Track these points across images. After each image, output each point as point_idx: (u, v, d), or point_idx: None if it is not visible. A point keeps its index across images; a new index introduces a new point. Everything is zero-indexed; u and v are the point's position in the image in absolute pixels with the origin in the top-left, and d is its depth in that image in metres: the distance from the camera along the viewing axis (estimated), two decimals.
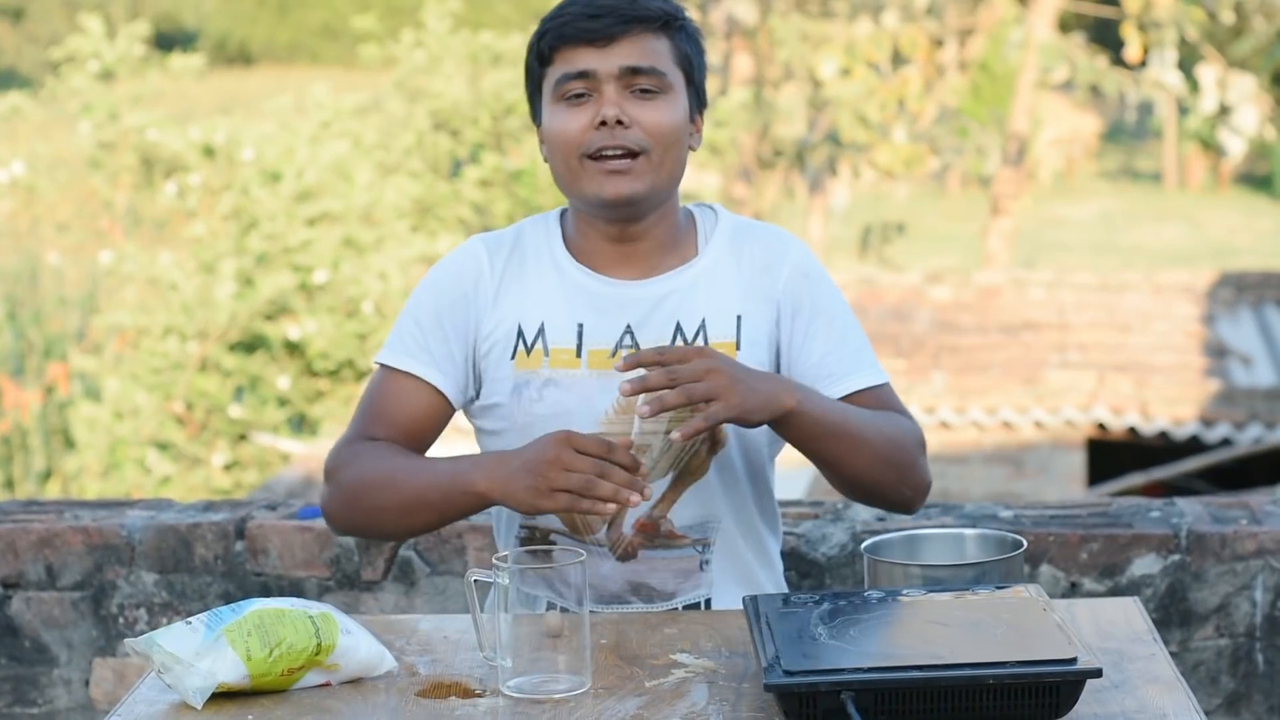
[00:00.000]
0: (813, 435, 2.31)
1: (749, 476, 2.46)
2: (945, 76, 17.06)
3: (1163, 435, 11.04)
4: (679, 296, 2.43)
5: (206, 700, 2.04)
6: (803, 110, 17.55)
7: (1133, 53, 15.55)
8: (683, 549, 2.43)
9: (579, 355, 2.41)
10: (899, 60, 16.65)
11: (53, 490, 12.80)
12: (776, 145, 17.18)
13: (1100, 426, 11.12)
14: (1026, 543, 2.35)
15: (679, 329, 2.42)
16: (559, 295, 2.44)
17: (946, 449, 11.12)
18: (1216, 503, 3.18)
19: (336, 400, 12.82)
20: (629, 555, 2.42)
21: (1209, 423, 10.87)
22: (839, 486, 2.41)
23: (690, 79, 2.43)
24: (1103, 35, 22.35)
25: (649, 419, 2.25)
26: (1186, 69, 16.76)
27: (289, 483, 10.57)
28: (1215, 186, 32.33)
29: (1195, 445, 11.07)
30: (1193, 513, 3.11)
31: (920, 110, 16.21)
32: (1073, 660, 1.93)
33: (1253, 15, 16.60)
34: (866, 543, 2.35)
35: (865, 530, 3.08)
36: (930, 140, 16.69)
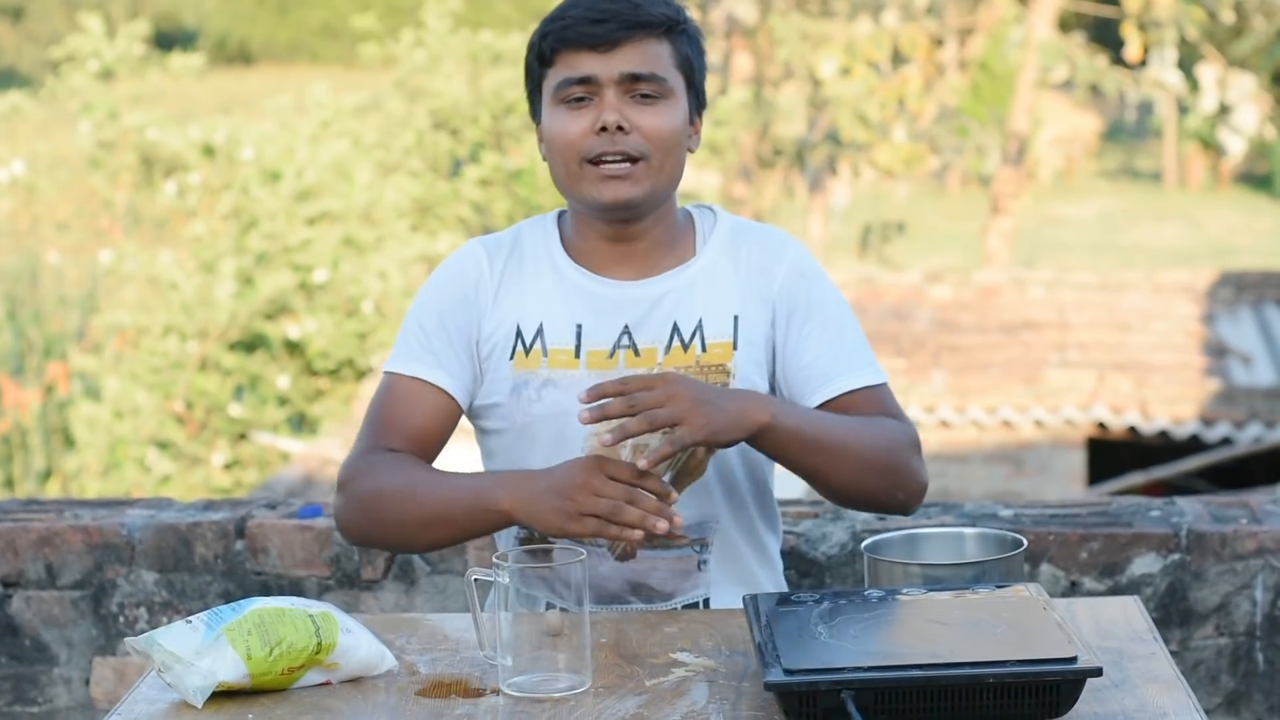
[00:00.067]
0: (791, 449, 2.30)
1: (748, 476, 2.45)
2: (945, 76, 17.05)
3: (1163, 434, 11.03)
4: (676, 297, 2.43)
5: (207, 699, 2.05)
6: (802, 109, 17.55)
7: (1133, 52, 15.54)
8: (681, 549, 2.43)
9: (577, 356, 2.41)
10: (899, 59, 16.64)
11: (53, 489, 12.80)
12: (776, 144, 17.17)
13: (1100, 426, 11.12)
14: (1026, 542, 2.35)
15: (676, 329, 2.41)
16: (557, 296, 2.43)
17: (946, 448, 11.12)
18: (1216, 502, 3.18)
19: (336, 399, 12.82)
20: (628, 555, 2.42)
21: (1209, 422, 10.87)
22: (827, 496, 2.39)
23: (690, 82, 2.43)
24: (1103, 34, 22.35)
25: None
26: (1186, 68, 16.75)
27: (289, 482, 10.57)
28: (1215, 186, 32.32)
29: (1195, 444, 11.06)
30: (1193, 512, 3.11)
31: (920, 109, 16.20)
32: (1073, 659, 1.93)
33: (1253, 15, 16.59)
34: (866, 542, 2.34)
35: (865, 529, 3.08)
36: (930, 139, 16.68)
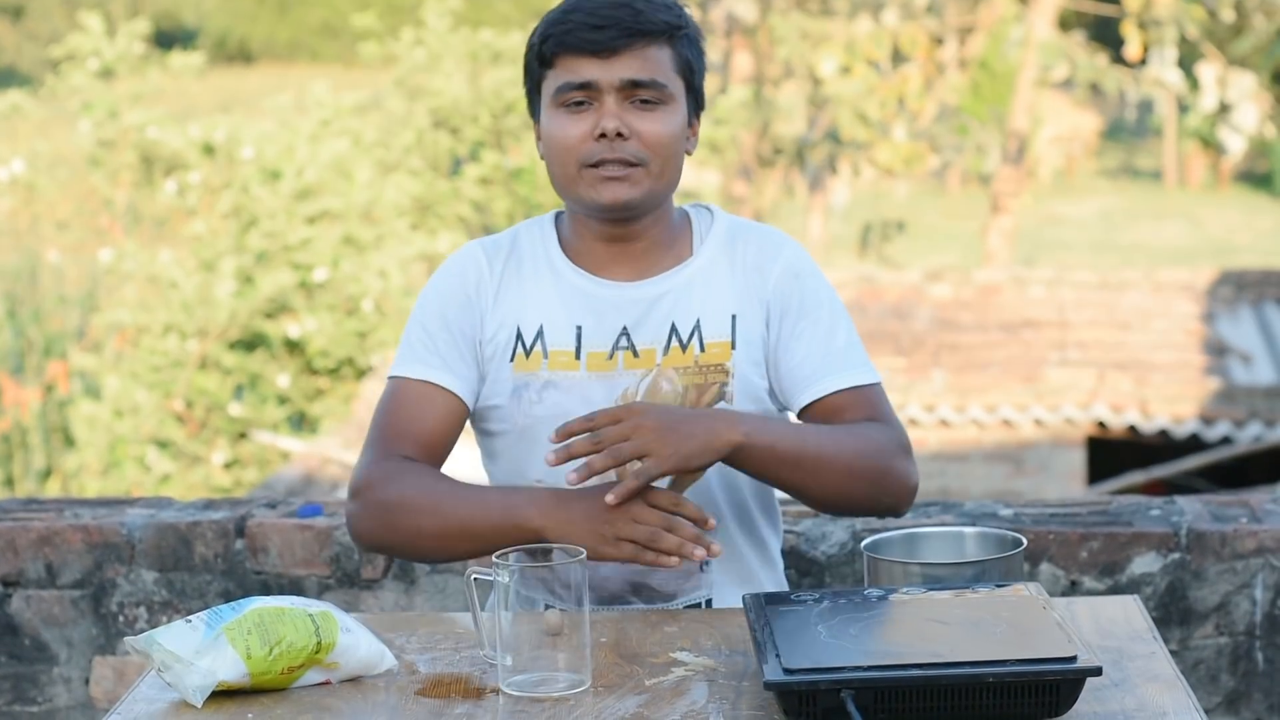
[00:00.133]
0: (769, 466, 2.30)
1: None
2: (945, 74, 17.05)
3: (1163, 433, 11.03)
4: (674, 297, 2.43)
5: (206, 699, 2.04)
6: (803, 108, 17.56)
7: (1133, 51, 15.53)
8: None
9: (578, 357, 2.41)
10: (899, 58, 16.64)
11: (52, 488, 12.80)
12: (776, 143, 17.18)
13: (1100, 425, 11.12)
14: (1026, 541, 2.35)
15: (674, 330, 2.41)
16: (557, 297, 2.43)
17: (946, 447, 11.12)
18: (1216, 501, 3.18)
19: (336, 398, 12.82)
20: None
21: (1209, 421, 10.87)
22: (812, 507, 2.38)
23: (690, 85, 2.42)
24: (1103, 33, 22.36)
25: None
26: (1186, 67, 16.75)
27: (289, 481, 10.56)
28: (1215, 184, 32.33)
29: (1195, 443, 11.06)
30: (1193, 511, 3.11)
31: (920, 108, 16.20)
32: (1072, 658, 1.93)
33: (1253, 13, 16.60)
34: (866, 541, 2.34)
35: (865, 529, 3.08)
36: (930, 138, 16.68)
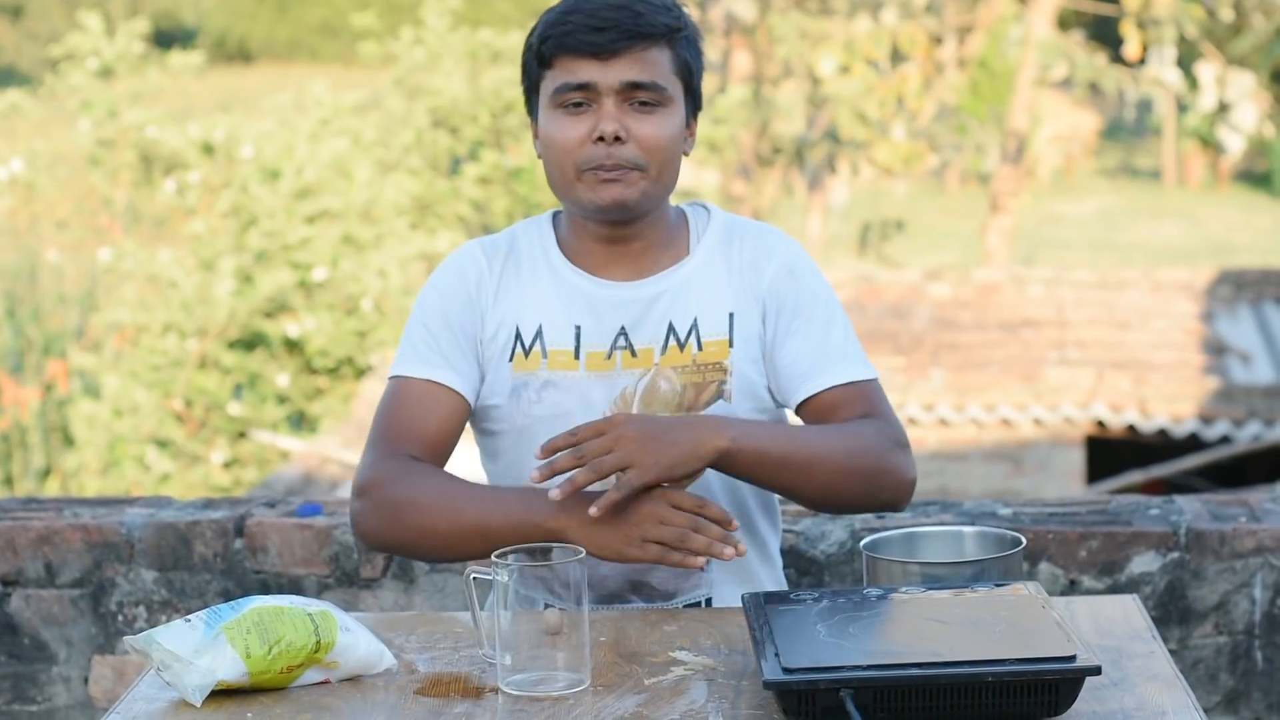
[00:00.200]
0: (758, 470, 2.29)
1: None
2: (944, 74, 17.05)
3: (1162, 433, 11.03)
4: (671, 296, 2.43)
5: (205, 698, 2.04)
6: (802, 107, 17.56)
7: (1132, 50, 15.54)
8: None
9: (577, 357, 2.41)
10: (898, 57, 16.64)
11: (52, 488, 12.80)
12: (775, 142, 17.18)
13: (1099, 424, 11.12)
14: (1025, 540, 2.35)
15: (672, 329, 2.41)
16: (555, 297, 2.43)
17: (945, 446, 11.12)
18: (1215, 500, 3.18)
19: (336, 398, 12.81)
20: None
21: (1208, 420, 10.87)
22: (807, 507, 2.38)
23: (688, 87, 2.42)
24: (1102, 32, 22.36)
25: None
26: (1185, 66, 16.75)
27: (288, 480, 10.56)
28: (1214, 184, 32.32)
29: (1194, 443, 11.06)
30: (1192, 510, 3.11)
31: (919, 107, 16.20)
32: (1072, 658, 1.93)
33: (1252, 12, 16.60)
34: (865, 540, 2.34)
35: (864, 528, 3.08)
36: (929, 137, 16.68)
